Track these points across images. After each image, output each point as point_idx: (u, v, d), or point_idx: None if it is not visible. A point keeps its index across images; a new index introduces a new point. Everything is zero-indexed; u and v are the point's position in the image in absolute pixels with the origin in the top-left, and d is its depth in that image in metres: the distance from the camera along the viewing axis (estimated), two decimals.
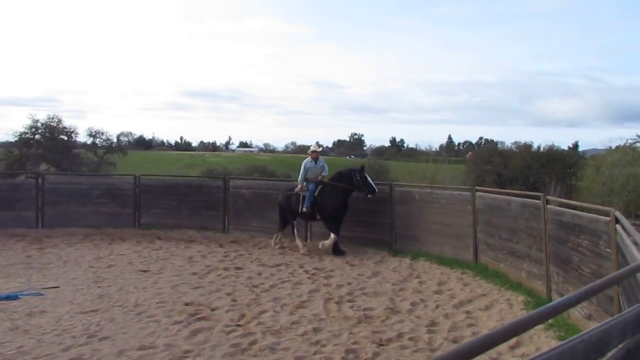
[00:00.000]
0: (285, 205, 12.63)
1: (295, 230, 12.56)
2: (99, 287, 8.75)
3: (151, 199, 14.89)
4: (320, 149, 12.69)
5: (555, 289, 7.85)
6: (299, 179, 12.47)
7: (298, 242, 12.30)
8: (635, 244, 4.34)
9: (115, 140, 41.88)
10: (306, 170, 12.30)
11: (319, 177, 12.15)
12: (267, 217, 13.75)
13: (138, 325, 6.80)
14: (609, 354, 2.61)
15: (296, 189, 12.40)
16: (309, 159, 12.41)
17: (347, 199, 11.93)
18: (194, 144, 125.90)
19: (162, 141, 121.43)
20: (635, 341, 2.80)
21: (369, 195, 11.61)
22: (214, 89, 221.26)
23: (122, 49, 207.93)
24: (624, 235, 5.25)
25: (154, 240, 13.18)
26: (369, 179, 11.74)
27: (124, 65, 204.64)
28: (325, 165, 12.47)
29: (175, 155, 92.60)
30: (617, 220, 5.85)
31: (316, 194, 12.03)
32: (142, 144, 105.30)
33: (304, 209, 12.01)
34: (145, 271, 9.97)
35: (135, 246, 12.46)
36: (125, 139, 49.85)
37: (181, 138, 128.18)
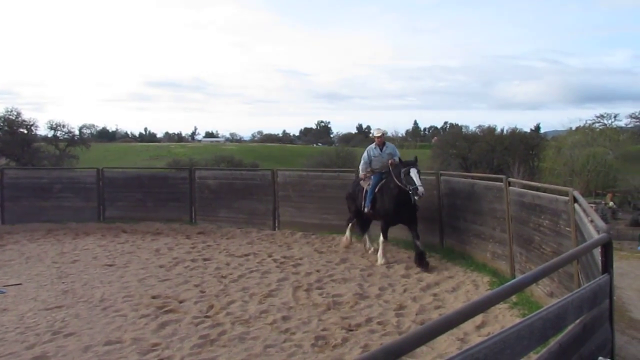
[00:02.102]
0: (351, 199, 10.91)
1: (366, 233, 10.84)
2: (63, 282, 8.58)
3: (115, 192, 14.63)
4: (381, 133, 10.35)
5: (518, 268, 8.04)
6: (360, 166, 10.49)
7: (366, 242, 10.71)
8: (592, 222, 4.47)
9: (77, 132, 40.99)
10: (370, 159, 10.21)
11: (391, 162, 9.85)
12: (235, 207, 13.70)
13: (104, 320, 6.70)
14: (567, 330, 2.69)
15: (361, 181, 10.47)
16: (372, 145, 10.34)
17: (406, 198, 9.35)
18: (159, 135, 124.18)
19: (126, 133, 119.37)
20: (592, 316, 2.89)
21: (415, 197, 9.16)
22: (178, 79, 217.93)
23: (82, 39, 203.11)
24: (582, 214, 5.40)
25: (119, 234, 12.97)
26: (414, 174, 9.17)
27: (84, 55, 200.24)
28: (396, 150, 10.32)
29: (140, 147, 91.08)
30: (575, 200, 6.01)
31: (376, 189, 10.00)
32: (106, 136, 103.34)
33: (365, 209, 10.14)
34: (110, 265, 9.81)
35: (100, 240, 12.24)
36: (88, 131, 48.92)
37: (146, 129, 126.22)
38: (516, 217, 8.09)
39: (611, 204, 59.26)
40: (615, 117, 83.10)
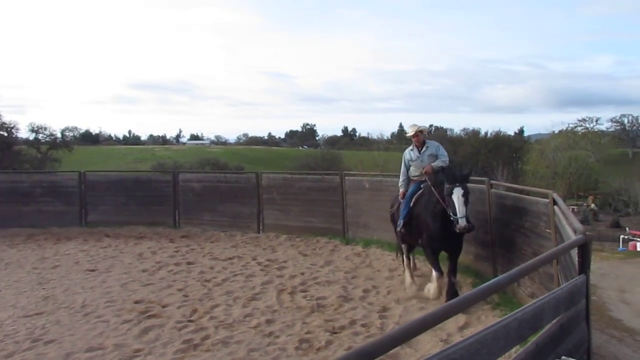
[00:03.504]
0: (393, 220, 8.62)
1: (404, 254, 8.48)
2: (43, 288, 8.47)
3: (98, 196, 14.49)
4: (416, 130, 7.89)
5: (500, 269, 8.10)
6: (399, 181, 8.26)
7: (406, 275, 8.32)
8: (570, 224, 4.54)
9: (59, 135, 40.61)
10: (407, 166, 8.10)
11: (426, 171, 7.68)
12: (219, 211, 13.66)
13: (85, 327, 6.64)
14: (543, 330, 2.73)
15: (400, 197, 8.19)
16: (410, 147, 8.10)
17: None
18: (143, 137, 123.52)
19: (110, 135, 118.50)
20: (568, 316, 2.93)
21: (457, 229, 6.80)
22: (163, 81, 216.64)
23: (65, 39, 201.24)
24: (561, 216, 5.47)
25: (101, 238, 12.85)
26: (456, 198, 6.80)
27: (67, 57, 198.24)
28: (442, 150, 7.98)
29: (124, 149, 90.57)
30: (555, 202, 6.09)
31: (412, 203, 7.74)
32: (89, 139, 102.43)
33: (398, 228, 8.02)
34: (92, 270, 9.71)
35: (82, 245, 12.11)
36: (71, 134, 48.51)
37: (130, 132, 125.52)
38: (498, 219, 8.16)
39: (593, 206, 60.19)
40: (597, 121, 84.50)
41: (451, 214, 6.84)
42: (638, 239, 35.56)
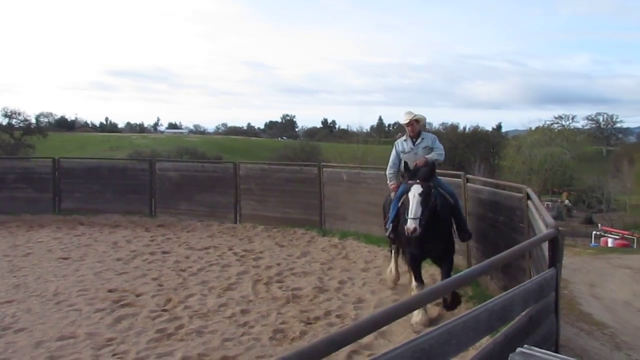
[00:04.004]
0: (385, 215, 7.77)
1: (394, 256, 7.88)
2: (14, 276, 8.33)
3: (73, 183, 14.26)
4: (410, 118, 6.95)
5: (474, 263, 8.20)
6: (387, 172, 7.47)
7: (391, 265, 7.89)
8: (542, 218, 4.61)
9: (34, 121, 39.85)
10: (398, 158, 7.23)
11: (419, 163, 6.62)
12: (196, 200, 13.57)
13: (57, 315, 6.55)
14: (513, 321, 2.77)
15: (391, 193, 7.40)
16: (402, 137, 7.27)
17: (437, 222, 6.32)
18: (121, 125, 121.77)
19: (86, 122, 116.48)
20: (537, 309, 2.98)
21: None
22: (141, 68, 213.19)
23: (41, 23, 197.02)
24: (534, 211, 5.56)
25: (75, 226, 12.67)
26: (412, 196, 6.11)
27: (44, 41, 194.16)
28: (438, 143, 7.06)
29: (100, 137, 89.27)
30: (528, 197, 6.18)
31: (400, 204, 6.74)
32: (64, 125, 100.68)
33: (387, 233, 7.23)
34: (65, 258, 9.58)
35: (56, 233, 11.93)
36: (46, 119, 47.69)
37: (106, 119, 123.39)
38: (473, 213, 8.26)
39: (567, 202, 61.29)
40: (573, 118, 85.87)
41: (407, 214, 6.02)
42: (610, 235, 36.33)
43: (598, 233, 37.94)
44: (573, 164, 66.45)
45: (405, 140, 7.14)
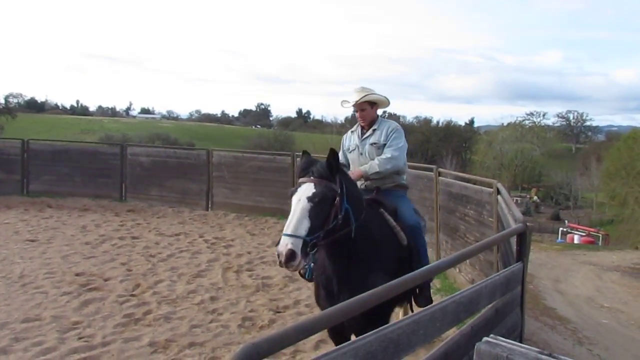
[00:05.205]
0: None
1: None
2: None
3: (41, 165, 14.01)
4: (362, 96, 4.48)
5: (443, 255, 8.33)
6: None
7: None
8: (511, 213, 4.69)
9: (2, 101, 38.81)
10: (345, 158, 4.74)
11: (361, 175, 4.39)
12: (167, 186, 13.44)
13: (23, 297, 6.44)
14: (479, 313, 2.82)
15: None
16: (355, 127, 4.81)
17: (344, 258, 3.61)
18: (92, 108, 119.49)
19: (56, 104, 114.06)
20: (504, 302, 3.05)
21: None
22: (115, 52, 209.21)
23: (15, 2, 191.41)
24: (504, 205, 5.65)
25: (44, 209, 12.43)
26: (294, 202, 3.35)
27: (14, 19, 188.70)
28: (395, 136, 4.51)
29: (71, 119, 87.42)
30: (498, 192, 6.28)
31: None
32: (34, 106, 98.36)
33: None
34: (32, 241, 9.40)
35: (23, 214, 11.69)
36: (15, 100, 46.37)
37: (77, 102, 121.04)
38: (444, 206, 8.36)
39: (535, 198, 62.45)
40: (543, 115, 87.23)
41: None
42: (576, 232, 37.15)
43: (565, 230, 38.74)
44: (542, 161, 67.70)
45: (353, 132, 4.73)
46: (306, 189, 3.37)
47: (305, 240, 3.15)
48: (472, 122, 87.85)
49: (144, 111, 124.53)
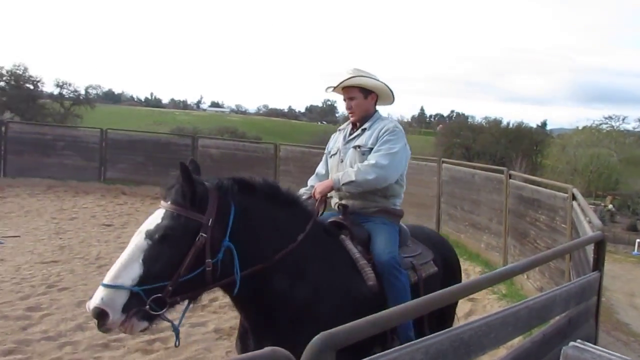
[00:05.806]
0: None
1: None
2: (60, 238, 8.66)
3: (118, 154, 14.67)
4: (353, 78, 3.23)
5: (511, 261, 8.10)
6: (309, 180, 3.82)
7: None
8: (588, 220, 4.50)
9: (83, 92, 40.86)
10: (326, 160, 3.66)
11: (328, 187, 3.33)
12: None
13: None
14: (552, 321, 2.74)
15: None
16: (345, 124, 3.60)
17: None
18: (165, 101, 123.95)
19: (132, 96, 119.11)
20: (578, 311, 2.94)
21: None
22: (186, 48, 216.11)
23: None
24: (579, 212, 5.43)
25: (118, 195, 13.05)
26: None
27: (102, 18, 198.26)
28: (387, 139, 3.14)
29: (145, 111, 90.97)
30: (574, 197, 6.04)
31: None
32: (111, 98, 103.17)
33: None
34: (108, 225, 9.89)
35: (100, 200, 12.31)
36: (94, 91, 48.68)
37: (151, 94, 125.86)
38: (513, 210, 8.13)
39: (610, 206, 59.44)
40: (623, 119, 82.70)
41: None
42: None
43: None
44: (620, 167, 64.34)
45: (341, 130, 3.66)
46: (151, 219, 2.54)
47: (133, 291, 2.28)
48: (544, 124, 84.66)
49: (214, 105, 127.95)
